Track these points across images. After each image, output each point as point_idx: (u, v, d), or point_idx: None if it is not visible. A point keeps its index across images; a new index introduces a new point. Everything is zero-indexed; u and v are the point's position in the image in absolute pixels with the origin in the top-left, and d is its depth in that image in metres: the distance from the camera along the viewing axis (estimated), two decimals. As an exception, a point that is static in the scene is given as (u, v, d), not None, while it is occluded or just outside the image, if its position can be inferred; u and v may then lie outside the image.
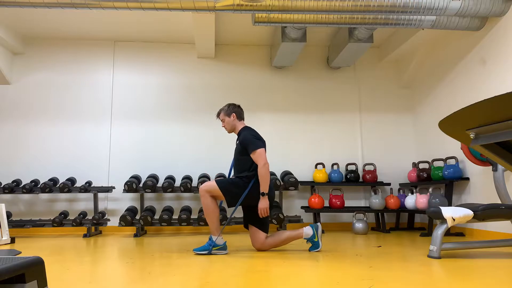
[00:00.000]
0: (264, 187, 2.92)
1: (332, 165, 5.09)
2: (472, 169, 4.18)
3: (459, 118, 1.01)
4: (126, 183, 4.46)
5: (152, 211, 4.51)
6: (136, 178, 4.70)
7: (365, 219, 4.45)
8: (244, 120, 3.25)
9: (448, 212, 2.68)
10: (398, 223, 4.96)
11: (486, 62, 3.94)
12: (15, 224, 4.36)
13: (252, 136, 3.03)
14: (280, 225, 4.29)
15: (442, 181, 4.28)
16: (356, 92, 5.49)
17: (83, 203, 4.91)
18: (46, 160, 4.96)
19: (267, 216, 3.02)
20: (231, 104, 3.22)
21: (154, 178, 4.72)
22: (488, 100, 0.86)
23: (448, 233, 4.12)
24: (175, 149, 5.12)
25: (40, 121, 5.04)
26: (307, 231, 3.03)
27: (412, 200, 4.51)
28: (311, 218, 5.07)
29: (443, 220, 2.70)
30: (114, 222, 4.84)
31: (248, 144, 3.00)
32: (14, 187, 4.52)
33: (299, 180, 5.07)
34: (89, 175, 4.97)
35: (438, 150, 4.78)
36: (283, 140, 5.27)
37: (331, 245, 3.42)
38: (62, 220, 4.38)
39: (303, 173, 5.19)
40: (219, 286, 1.80)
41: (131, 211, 4.47)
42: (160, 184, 4.96)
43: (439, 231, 2.65)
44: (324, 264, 2.42)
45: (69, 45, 5.24)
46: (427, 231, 4.27)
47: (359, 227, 4.39)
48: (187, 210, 4.54)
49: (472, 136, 1.03)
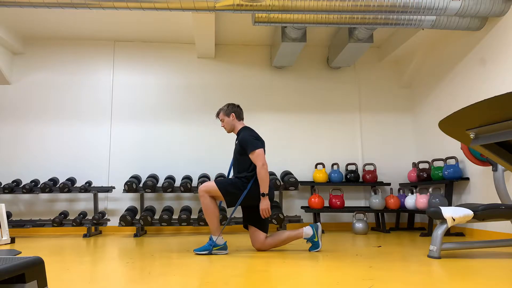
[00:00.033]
0: (264, 188, 2.92)
1: (332, 165, 5.09)
2: (472, 169, 4.18)
3: (459, 118, 1.01)
4: (126, 183, 4.46)
5: (152, 211, 4.51)
6: (136, 178, 4.71)
7: (365, 219, 4.45)
8: (243, 120, 3.24)
9: (448, 212, 2.68)
10: (398, 223, 4.96)
11: (486, 62, 3.94)
12: (15, 224, 4.36)
13: (251, 136, 3.03)
14: (280, 225, 4.29)
15: (442, 181, 4.28)
16: (356, 92, 5.49)
17: (83, 203, 4.91)
18: (46, 160, 4.96)
19: (268, 216, 3.02)
20: (230, 104, 3.22)
21: (154, 178, 4.72)
22: (488, 100, 0.86)
23: (448, 233, 4.12)
24: (175, 149, 5.12)
25: (40, 121, 5.04)
26: (307, 231, 3.03)
27: (412, 200, 4.51)
28: (311, 218, 5.07)
29: (443, 220, 2.70)
30: (114, 222, 4.84)
31: (246, 145, 3.00)
32: (14, 187, 4.52)
33: (299, 180, 5.07)
34: (89, 175, 4.97)
35: (438, 150, 4.78)
36: (283, 140, 5.27)
37: (331, 245, 3.42)
38: (62, 220, 4.38)
39: (303, 173, 5.19)
40: (219, 286, 1.80)
41: (131, 211, 4.47)
42: (160, 184, 4.96)
43: (439, 231, 2.65)
44: (324, 264, 2.42)
45: (69, 45, 5.24)
46: (427, 231, 4.27)
47: (359, 227, 4.39)
48: (187, 210, 4.54)
49: (472, 136, 1.03)
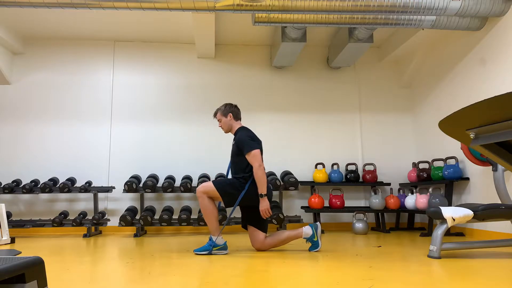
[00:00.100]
0: (262, 189, 2.91)
1: (332, 165, 5.09)
2: (472, 169, 4.18)
3: (459, 118, 1.01)
4: (126, 183, 4.46)
5: (152, 211, 4.51)
6: (136, 178, 4.71)
7: (365, 219, 4.45)
8: (241, 120, 3.24)
9: (448, 212, 2.68)
10: (398, 223, 4.96)
11: (486, 62, 3.94)
12: (15, 224, 4.36)
13: (247, 137, 3.02)
14: (280, 225, 4.29)
15: (442, 181, 4.28)
16: (356, 92, 5.49)
17: (83, 203, 4.91)
18: (46, 160, 4.96)
19: (268, 216, 3.02)
20: (228, 104, 3.21)
21: (154, 178, 4.72)
22: (488, 100, 0.86)
23: (448, 233, 4.12)
24: (175, 149, 5.12)
25: (40, 121, 5.04)
26: (306, 231, 3.03)
27: (412, 200, 4.51)
28: (311, 218, 5.07)
29: (443, 220, 2.70)
30: (114, 222, 4.84)
31: (243, 145, 2.99)
32: (14, 187, 4.52)
33: (299, 180, 5.07)
34: (89, 175, 4.97)
35: (438, 150, 4.78)
36: (283, 140, 5.26)
37: (331, 245, 3.42)
38: (62, 220, 4.38)
39: (303, 173, 5.19)
40: (219, 286, 1.80)
41: (131, 211, 4.47)
42: (160, 184, 4.96)
43: (439, 231, 2.65)
44: (324, 264, 2.42)
45: (69, 45, 5.24)
46: (427, 231, 4.27)
47: (359, 227, 4.39)
48: (187, 210, 4.54)
49: (472, 136, 1.03)
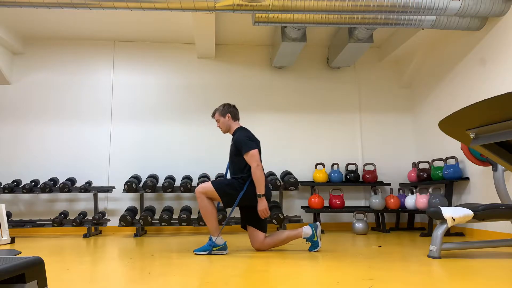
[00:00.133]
0: (260, 189, 2.91)
1: (332, 165, 5.09)
2: (472, 169, 4.18)
3: (459, 118, 1.01)
4: (126, 183, 4.46)
5: (152, 211, 4.51)
6: (136, 178, 4.71)
7: (365, 219, 4.45)
8: (239, 120, 3.23)
9: (448, 212, 2.68)
10: (398, 223, 4.96)
11: (486, 62, 3.94)
12: (15, 224, 4.36)
13: (245, 137, 3.01)
14: (280, 225, 4.29)
15: (442, 181, 4.28)
16: (356, 92, 5.49)
17: (83, 203, 4.91)
18: (46, 160, 4.96)
19: (267, 216, 3.02)
20: (226, 104, 3.21)
21: (154, 178, 4.72)
22: (488, 100, 0.86)
23: (448, 233, 4.12)
24: (175, 149, 5.12)
25: (40, 121, 5.04)
26: (306, 231, 3.03)
27: (412, 200, 4.51)
28: (311, 218, 5.07)
29: (443, 220, 2.70)
30: (114, 222, 4.84)
31: (241, 145, 2.99)
32: (14, 187, 4.52)
33: (299, 180, 5.07)
34: (89, 175, 4.97)
35: (438, 150, 4.78)
36: (283, 140, 5.26)
37: (331, 245, 3.42)
38: (62, 220, 4.38)
39: (303, 173, 5.19)
40: (219, 286, 1.80)
41: (131, 211, 4.47)
42: (160, 184, 4.96)
43: (439, 231, 2.65)
44: (324, 264, 2.42)
45: (69, 45, 5.24)
46: (427, 231, 4.27)
47: (359, 227, 4.39)
48: (187, 210, 4.54)
49: (472, 136, 1.03)
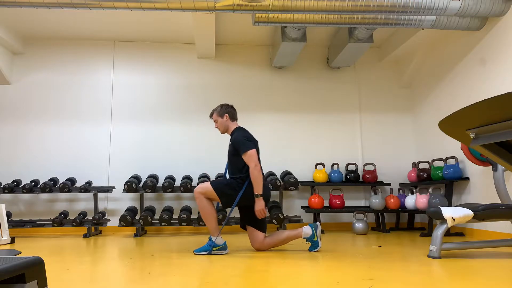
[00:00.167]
0: (258, 189, 2.91)
1: (332, 165, 5.09)
2: (472, 169, 4.18)
3: (459, 118, 1.01)
4: (126, 183, 4.46)
5: (152, 211, 4.51)
6: (136, 178, 4.70)
7: (365, 219, 4.45)
8: (237, 120, 3.23)
9: (448, 212, 2.68)
10: (398, 223, 4.96)
11: (486, 62, 3.94)
12: (15, 224, 4.36)
13: (243, 137, 3.01)
14: (280, 225, 4.29)
15: (442, 181, 4.28)
16: (356, 92, 5.49)
17: (83, 203, 4.91)
18: (46, 160, 4.96)
19: (263, 217, 3.02)
20: (224, 104, 3.20)
21: (154, 178, 4.72)
22: (488, 100, 0.86)
23: (448, 233, 4.12)
24: (175, 149, 5.12)
25: (40, 121, 5.04)
26: (306, 231, 3.03)
27: (412, 200, 4.51)
28: (311, 218, 5.07)
29: (443, 220, 2.70)
30: (114, 222, 4.84)
31: (239, 146, 2.99)
32: (14, 187, 4.52)
33: (299, 180, 5.07)
34: (89, 175, 4.97)
35: (438, 150, 4.78)
36: (283, 140, 5.26)
37: (331, 245, 3.42)
38: (62, 220, 4.38)
39: (303, 173, 5.19)
40: (219, 286, 1.80)
41: (131, 211, 4.47)
42: (160, 184, 4.96)
43: (439, 231, 2.65)
44: (324, 264, 2.42)
45: (69, 45, 5.24)
46: (427, 231, 4.27)
47: (359, 227, 4.39)
48: (187, 210, 4.54)
49: (472, 136, 1.03)
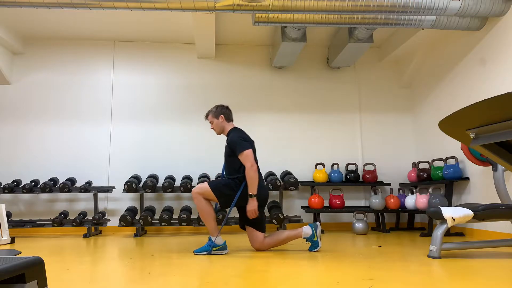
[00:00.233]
0: (252, 189, 2.91)
1: (332, 165, 5.09)
2: (472, 169, 4.18)
3: (459, 118, 1.01)
4: (126, 183, 4.46)
5: (152, 211, 4.51)
6: (136, 178, 4.70)
7: (365, 219, 4.45)
8: (233, 121, 3.23)
9: (448, 212, 2.68)
10: (398, 223, 4.96)
11: (486, 62, 3.94)
12: (15, 224, 4.36)
13: (239, 137, 3.01)
14: (280, 225, 4.29)
15: (442, 181, 4.28)
16: (356, 92, 5.49)
17: (83, 203, 4.91)
18: (46, 160, 4.96)
19: (263, 215, 3.01)
20: (219, 105, 3.20)
21: (154, 178, 4.72)
22: (488, 100, 0.86)
23: (448, 233, 4.12)
24: (175, 149, 5.12)
25: (40, 121, 5.04)
26: (306, 231, 3.03)
27: (412, 200, 4.51)
28: (311, 218, 5.07)
29: (443, 220, 2.70)
30: (114, 222, 4.84)
31: (235, 146, 2.98)
32: (14, 187, 4.52)
33: (299, 180, 5.07)
34: (89, 175, 4.97)
35: (438, 150, 4.78)
36: (283, 140, 5.26)
37: (331, 245, 3.42)
38: (62, 220, 4.38)
39: (303, 173, 5.19)
40: (219, 286, 1.80)
41: (131, 211, 4.47)
42: (160, 184, 4.96)
43: (439, 231, 2.65)
44: (324, 264, 2.42)
45: (69, 45, 5.24)
46: (427, 231, 4.27)
47: (359, 227, 4.39)
48: (187, 210, 4.54)
49: (472, 136, 1.03)
